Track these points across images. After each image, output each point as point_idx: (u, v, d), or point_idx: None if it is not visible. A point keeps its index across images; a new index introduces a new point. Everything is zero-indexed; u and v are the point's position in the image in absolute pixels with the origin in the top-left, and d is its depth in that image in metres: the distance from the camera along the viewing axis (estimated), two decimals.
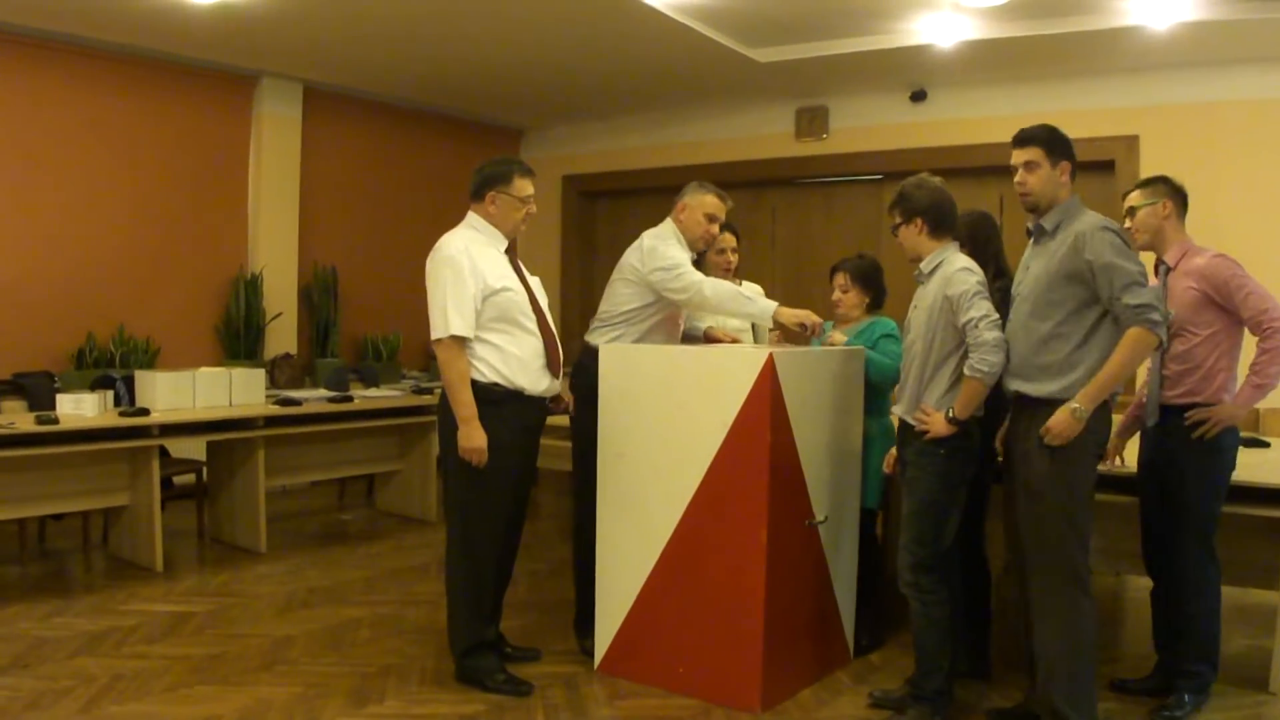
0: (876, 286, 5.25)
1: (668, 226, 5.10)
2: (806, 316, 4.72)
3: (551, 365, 4.60)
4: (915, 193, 4.33)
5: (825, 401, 4.60)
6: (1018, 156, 4.10)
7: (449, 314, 4.34)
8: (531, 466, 4.79)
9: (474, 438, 4.35)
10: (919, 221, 4.30)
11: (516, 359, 4.47)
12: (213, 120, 8.88)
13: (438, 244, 4.53)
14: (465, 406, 4.36)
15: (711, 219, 5.05)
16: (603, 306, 5.07)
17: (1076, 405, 3.82)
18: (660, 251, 4.90)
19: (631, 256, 5.00)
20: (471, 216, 4.64)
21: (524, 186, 4.62)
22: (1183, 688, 4.36)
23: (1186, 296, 4.29)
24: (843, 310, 5.21)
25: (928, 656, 4.29)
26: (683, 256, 4.93)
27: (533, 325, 4.54)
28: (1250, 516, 4.48)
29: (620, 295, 4.99)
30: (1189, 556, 4.33)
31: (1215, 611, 4.39)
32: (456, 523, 4.58)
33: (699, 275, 4.84)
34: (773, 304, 4.79)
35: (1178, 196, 4.47)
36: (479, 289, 4.39)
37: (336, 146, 9.79)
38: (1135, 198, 4.51)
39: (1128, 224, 4.43)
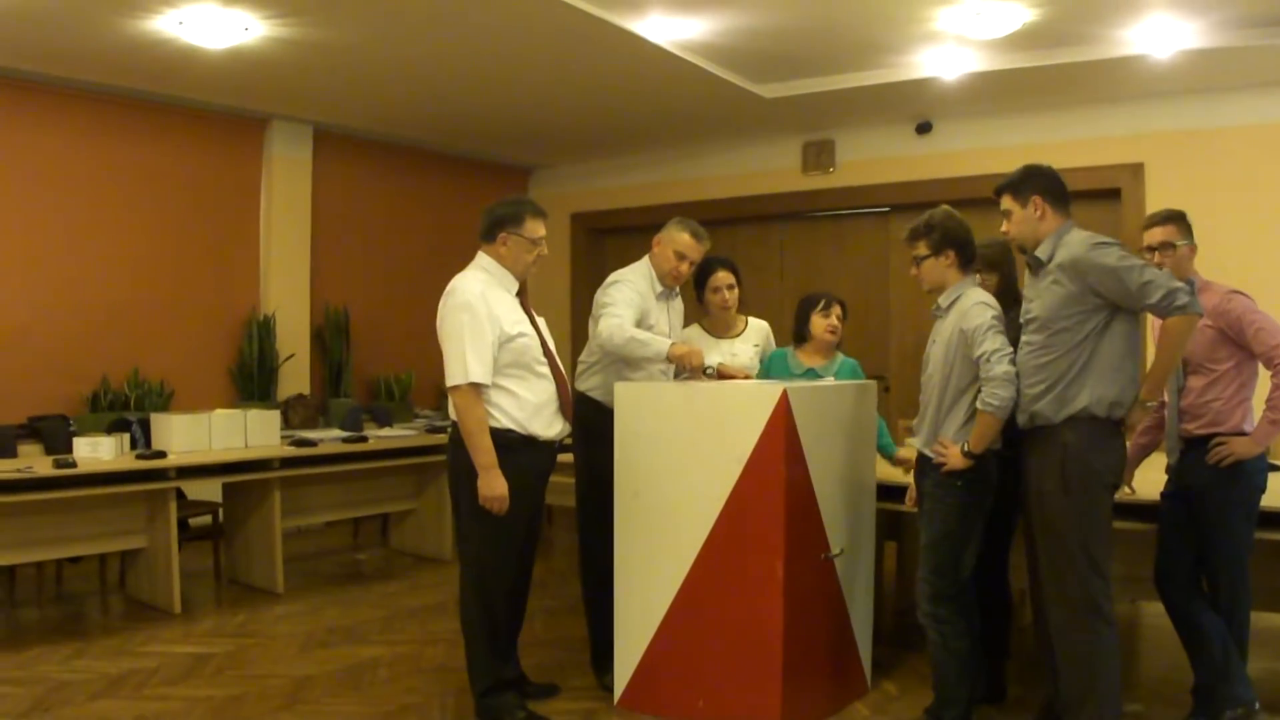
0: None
1: (642, 262, 5.19)
2: (690, 357, 4.72)
3: (564, 408, 4.63)
4: (948, 223, 4.37)
5: (838, 435, 4.65)
6: (1001, 207, 4.21)
7: (468, 361, 4.33)
8: (541, 506, 4.82)
9: (496, 486, 4.34)
10: (951, 254, 4.35)
11: (531, 405, 4.49)
12: (224, 163, 8.98)
13: (451, 287, 4.52)
14: (485, 454, 4.34)
15: (681, 256, 5.08)
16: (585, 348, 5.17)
17: (1144, 400, 4.02)
18: (609, 290, 5.01)
19: (597, 292, 5.09)
20: (482, 257, 4.62)
21: (536, 227, 4.60)
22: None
23: (1203, 335, 4.33)
24: (836, 338, 5.34)
25: (947, 687, 4.32)
26: (623, 298, 4.96)
27: (546, 370, 4.56)
28: (1272, 541, 4.49)
29: (593, 334, 5.08)
30: (1221, 584, 4.36)
31: (1244, 637, 4.40)
32: (470, 563, 4.60)
33: (615, 321, 4.83)
34: (666, 343, 4.81)
35: (1192, 236, 4.51)
36: (495, 335, 4.39)
37: (346, 188, 9.88)
38: (1171, 234, 4.44)
39: (1158, 259, 4.40)
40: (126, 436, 6.65)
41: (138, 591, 6.67)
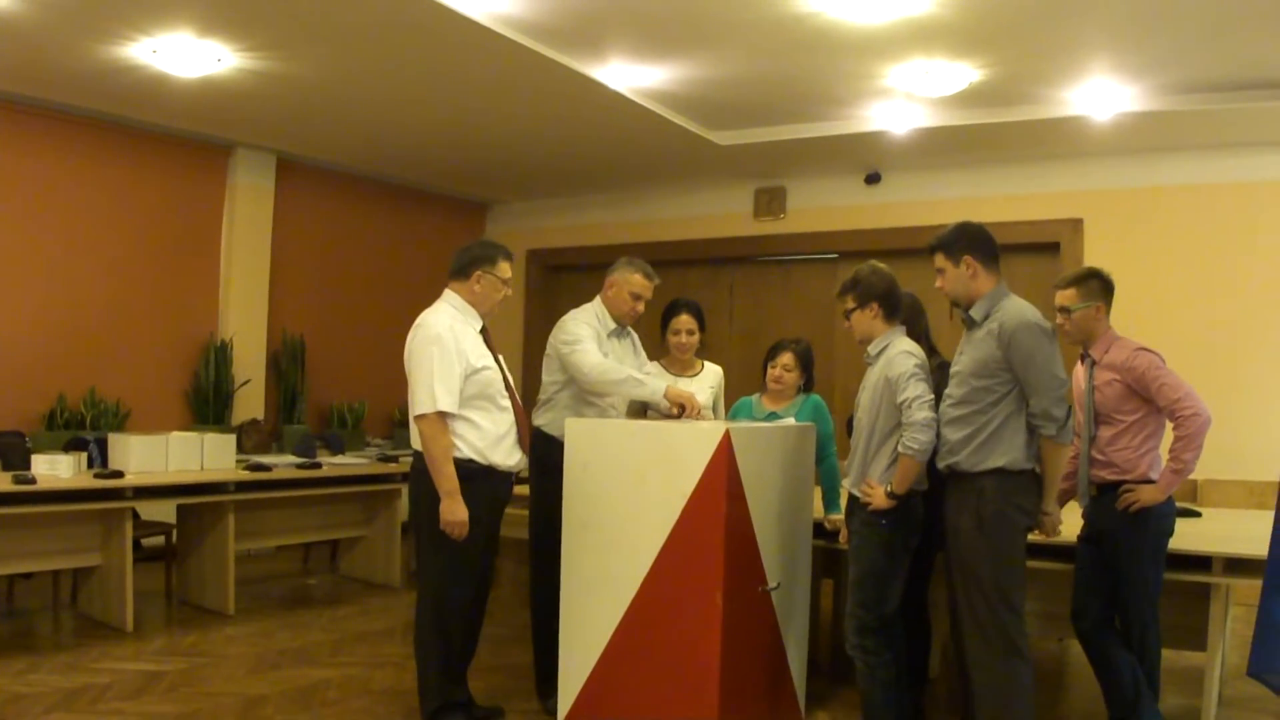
0: (811, 369, 5.61)
1: (594, 303, 5.38)
2: (688, 400, 4.95)
3: (522, 440, 4.84)
4: (872, 278, 4.62)
5: (777, 474, 4.83)
6: (935, 264, 4.46)
7: (436, 390, 4.52)
8: (497, 534, 4.98)
9: (457, 512, 4.53)
10: (875, 306, 4.60)
11: (493, 435, 4.69)
12: (187, 188, 9.10)
13: (421, 321, 4.72)
14: (449, 480, 4.53)
15: (636, 297, 5.30)
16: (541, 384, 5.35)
17: (1045, 509, 4.37)
18: (568, 327, 5.19)
19: (553, 333, 5.27)
20: (451, 295, 4.83)
21: (506, 269, 4.86)
22: None
23: (1111, 389, 4.62)
24: (781, 387, 5.50)
25: (874, 715, 4.52)
26: (586, 333, 5.16)
27: (507, 403, 4.77)
28: (1179, 582, 4.74)
29: (548, 371, 5.30)
30: (1133, 623, 4.60)
31: (1155, 674, 4.65)
32: (427, 588, 4.77)
33: (594, 358, 5.05)
34: (662, 384, 5.03)
35: (1108, 293, 4.78)
36: (462, 367, 4.59)
37: (307, 217, 10.02)
38: (1070, 298, 4.74)
39: (1061, 321, 4.72)
40: (84, 455, 6.74)
41: (90, 609, 6.75)
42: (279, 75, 7.07)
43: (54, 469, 6.28)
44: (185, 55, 6.59)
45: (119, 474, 6.45)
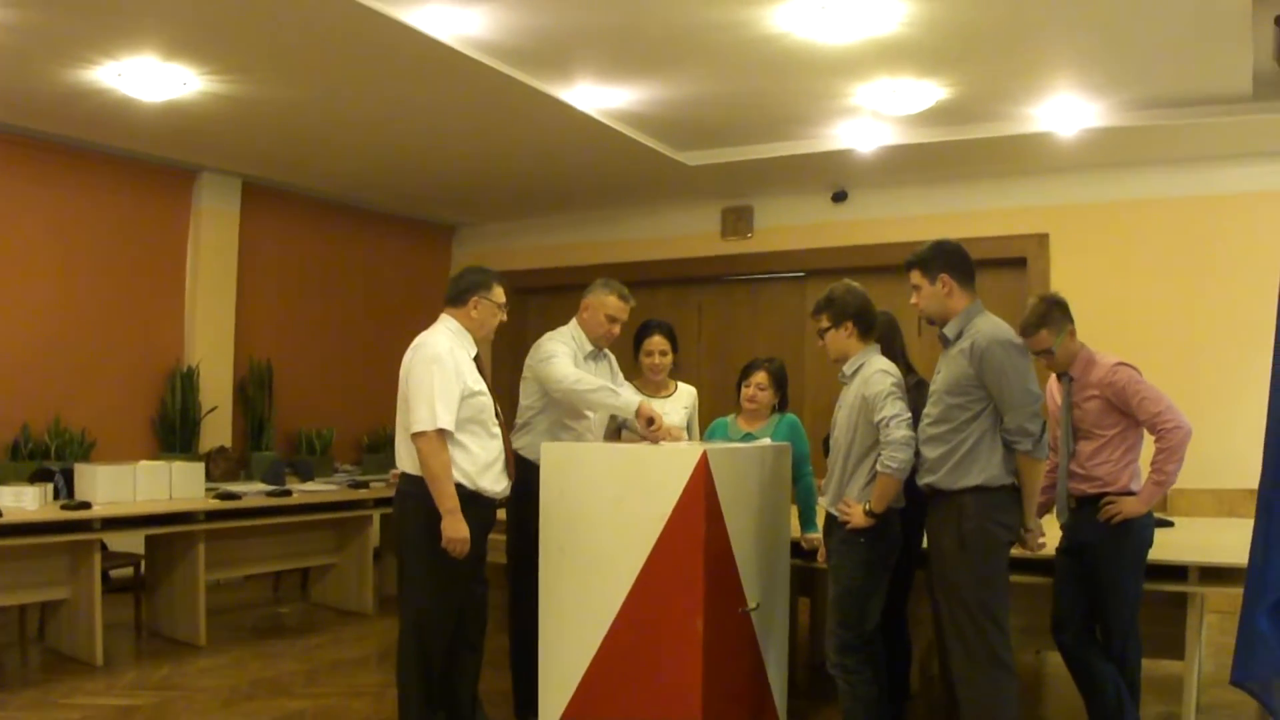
0: (785, 388, 5.60)
1: (570, 325, 5.40)
2: (657, 416, 4.95)
3: (509, 467, 4.83)
4: (846, 297, 4.63)
5: (755, 495, 4.83)
6: (910, 281, 4.46)
7: (436, 409, 4.52)
8: (484, 560, 4.96)
9: (460, 528, 4.53)
10: (850, 325, 4.60)
11: (482, 461, 4.69)
12: (152, 213, 9.01)
13: (420, 341, 4.74)
14: (450, 498, 4.53)
15: (612, 320, 5.32)
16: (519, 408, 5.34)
17: (1026, 524, 4.40)
18: (543, 346, 5.21)
19: (529, 354, 5.27)
20: (448, 320, 4.86)
21: (501, 294, 4.91)
22: None
23: (1091, 404, 4.66)
24: (756, 406, 5.51)
25: None
26: (562, 350, 5.18)
27: (498, 430, 4.78)
28: (1154, 591, 4.77)
29: (526, 394, 5.31)
30: (1114, 633, 4.63)
31: (1136, 684, 4.67)
32: (410, 614, 4.73)
33: (568, 370, 5.06)
34: (636, 399, 5.03)
35: (1068, 314, 4.80)
36: (460, 388, 4.60)
37: (273, 241, 9.94)
38: (1046, 340, 4.73)
39: (1046, 362, 4.77)
40: (50, 486, 6.65)
41: (58, 643, 6.65)
42: (245, 98, 7.02)
43: (19, 501, 6.18)
44: (151, 79, 6.53)
45: (87, 505, 6.36)
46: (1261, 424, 3.53)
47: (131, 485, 6.75)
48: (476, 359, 4.87)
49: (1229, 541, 5.27)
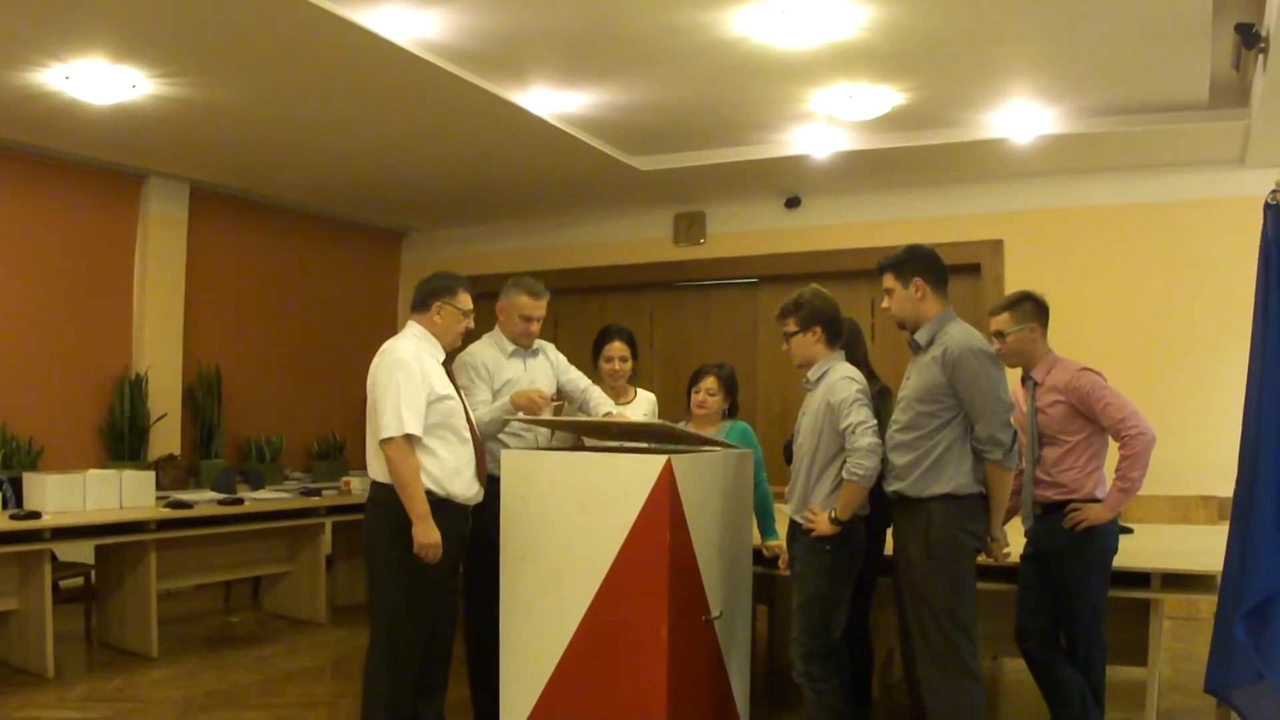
0: (735, 393, 5.61)
1: (494, 330, 5.43)
2: (529, 395, 5.03)
3: (480, 473, 4.77)
4: (816, 302, 4.62)
5: (718, 502, 4.81)
6: (883, 284, 4.45)
7: (403, 414, 4.46)
8: (457, 568, 4.92)
9: (431, 534, 4.47)
10: (818, 330, 4.59)
11: (451, 466, 4.62)
12: (98, 218, 8.88)
13: (387, 347, 4.69)
14: (420, 503, 4.47)
15: (527, 319, 5.32)
16: None
17: (994, 534, 4.43)
18: (461, 376, 5.21)
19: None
20: (414, 326, 4.81)
21: (466, 300, 4.86)
22: None
23: (1055, 410, 4.67)
24: (706, 412, 5.52)
25: None
26: (472, 378, 5.22)
27: (468, 434, 4.71)
28: (1116, 598, 4.80)
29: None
30: (1079, 640, 4.65)
31: (1100, 690, 4.68)
32: (381, 624, 4.66)
33: (476, 414, 5.01)
34: (503, 402, 5.10)
35: (1042, 314, 4.84)
36: (427, 393, 4.55)
37: (222, 247, 9.83)
38: (1004, 321, 4.81)
39: (997, 346, 4.75)
40: None
41: (8, 655, 6.51)
42: (194, 102, 6.92)
43: None
44: (99, 82, 6.43)
45: (36, 515, 6.24)
46: (1214, 430, 3.57)
47: (81, 494, 6.63)
48: (445, 364, 4.82)
49: (1190, 548, 5.33)
